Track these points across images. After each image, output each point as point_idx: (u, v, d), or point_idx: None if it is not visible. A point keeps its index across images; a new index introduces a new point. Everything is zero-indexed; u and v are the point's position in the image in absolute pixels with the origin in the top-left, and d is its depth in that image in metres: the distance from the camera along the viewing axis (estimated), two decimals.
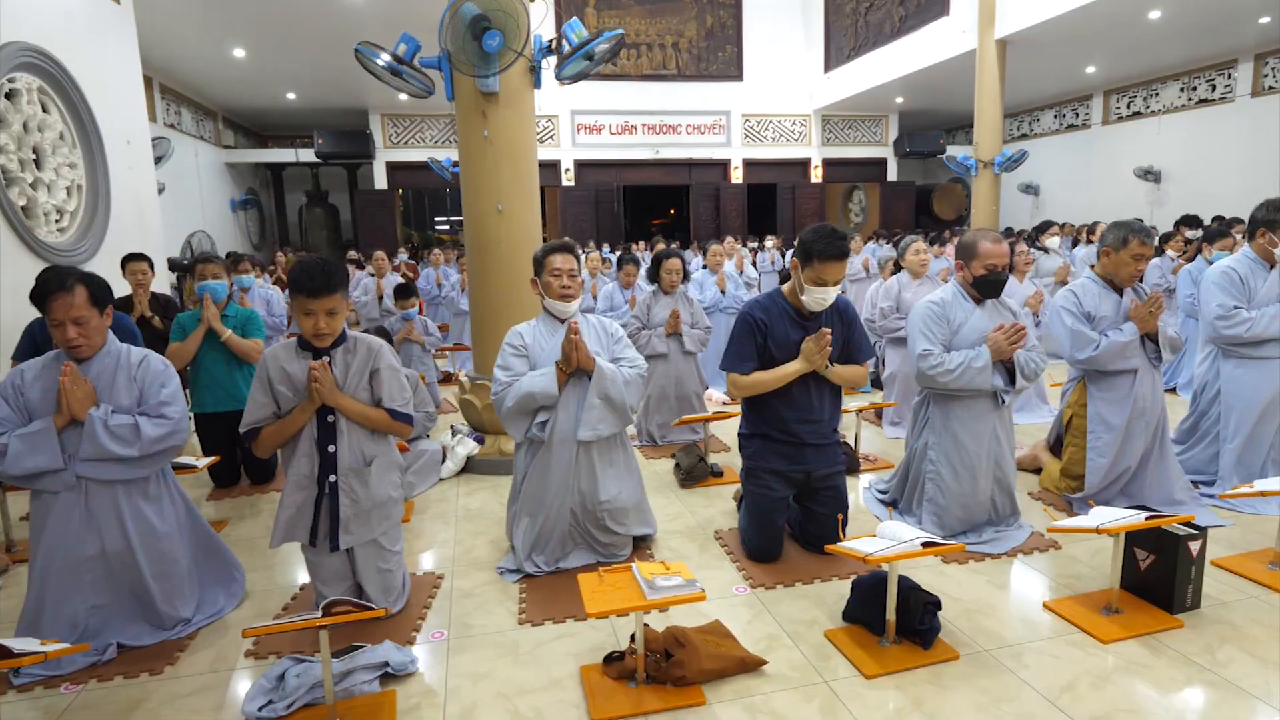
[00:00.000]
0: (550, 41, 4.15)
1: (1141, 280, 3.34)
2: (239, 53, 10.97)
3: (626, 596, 2.02)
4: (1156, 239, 8.14)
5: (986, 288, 2.96)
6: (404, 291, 5.53)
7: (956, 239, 8.50)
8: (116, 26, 6.07)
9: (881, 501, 3.47)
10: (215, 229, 13.91)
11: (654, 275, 4.49)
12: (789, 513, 3.01)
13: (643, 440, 4.63)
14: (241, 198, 15.40)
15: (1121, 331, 3.14)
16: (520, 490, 2.86)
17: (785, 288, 2.83)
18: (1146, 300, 3.11)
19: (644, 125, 16.42)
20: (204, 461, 3.33)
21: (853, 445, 4.14)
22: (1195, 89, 12.20)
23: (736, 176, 17.00)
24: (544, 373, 2.73)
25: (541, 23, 4.81)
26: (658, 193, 20.09)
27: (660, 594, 2.00)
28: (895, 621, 2.30)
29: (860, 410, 4.13)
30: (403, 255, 12.28)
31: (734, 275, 6.32)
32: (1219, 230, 5.04)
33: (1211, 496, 3.35)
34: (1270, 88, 11.03)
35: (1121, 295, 3.23)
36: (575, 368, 2.71)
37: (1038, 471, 3.78)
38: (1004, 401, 2.96)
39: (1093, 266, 3.34)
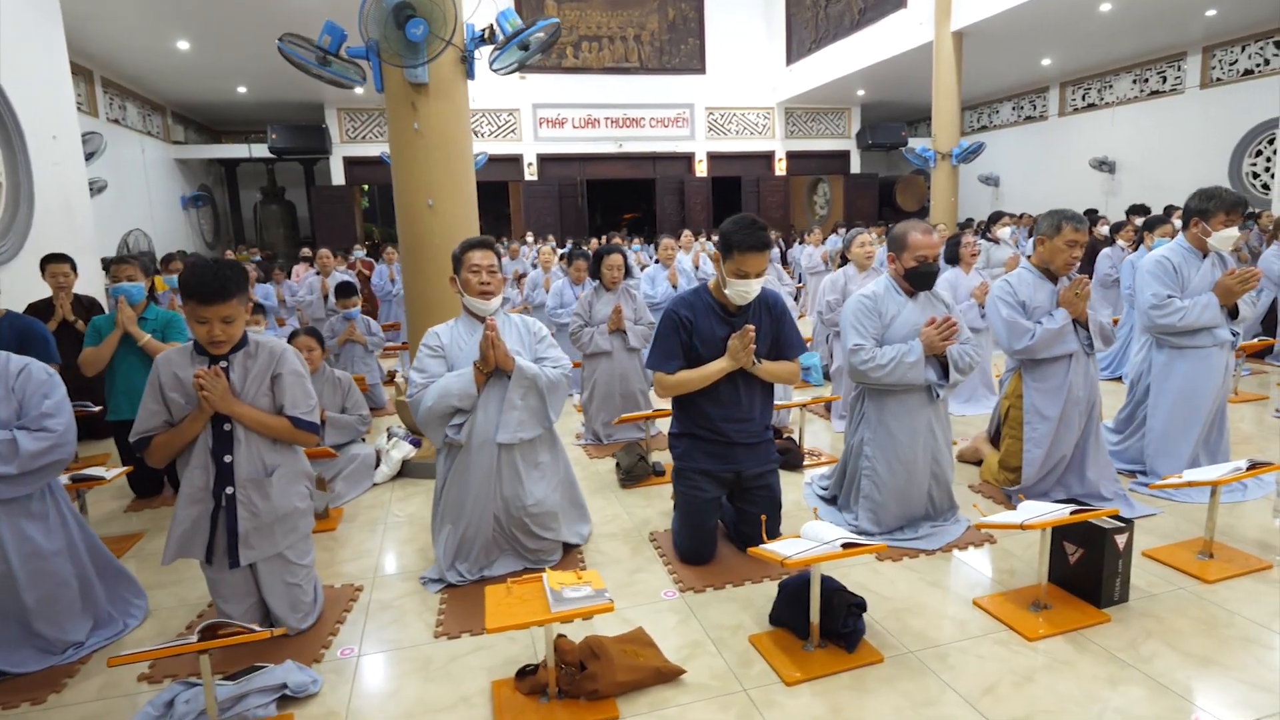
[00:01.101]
0: (484, 31, 4.02)
1: (1092, 272, 3.32)
2: (183, 45, 10.63)
3: (531, 610, 1.93)
4: (1108, 229, 8.23)
5: (918, 280, 2.91)
6: (344, 290, 5.36)
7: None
8: (39, 15, 5.79)
9: (822, 498, 3.42)
10: (165, 227, 13.52)
11: (595, 271, 4.38)
12: (722, 513, 2.94)
13: (588, 439, 4.54)
14: (193, 195, 14.98)
15: (1053, 318, 3.10)
16: (441, 496, 2.75)
17: (711, 282, 2.74)
18: (1072, 284, 3.08)
19: (607, 119, 16.28)
20: (113, 473, 3.17)
21: (797, 440, 4.10)
22: (1147, 80, 12.37)
23: (701, 170, 16.94)
24: (461, 373, 2.62)
25: (475, 11, 4.69)
26: (628, 187, 19.99)
27: (567, 606, 1.91)
28: (819, 624, 2.24)
29: (805, 405, 4.07)
30: (359, 252, 12.02)
31: (688, 270, 6.24)
32: (1157, 218, 5.08)
33: (1145, 486, 3.34)
34: (1218, 79, 11.22)
35: (1056, 284, 3.20)
36: (493, 368, 2.61)
37: (980, 463, 3.75)
38: (938, 396, 2.91)
39: (1029, 257, 3.31)
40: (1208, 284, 3.29)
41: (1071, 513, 2.29)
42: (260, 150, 15.24)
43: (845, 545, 2.13)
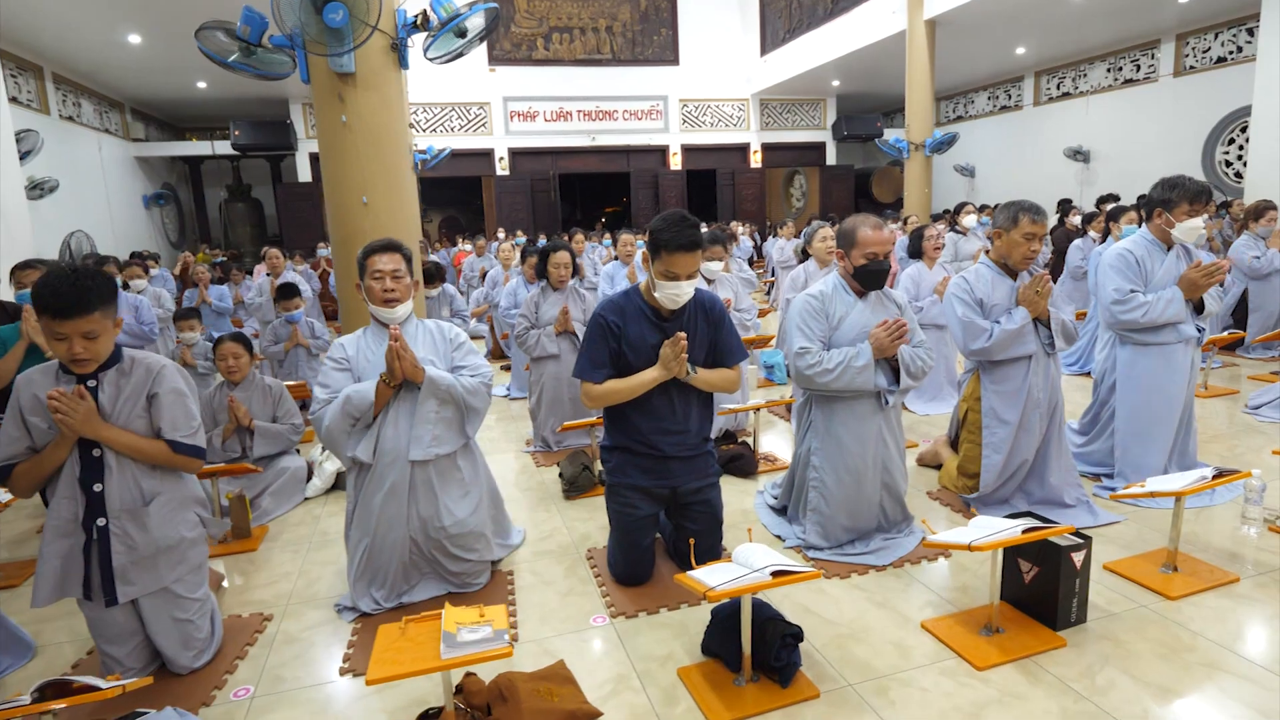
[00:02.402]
0: (416, 16, 3.79)
1: (1062, 265, 3.15)
2: (134, 39, 10.27)
3: (421, 655, 1.73)
4: (1080, 219, 8.11)
5: (868, 278, 2.73)
6: (285, 291, 5.11)
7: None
8: None
9: (773, 509, 3.24)
10: (125, 228, 13.15)
11: (541, 271, 4.18)
12: (658, 529, 2.76)
13: (537, 446, 4.34)
14: (155, 194, 14.58)
15: (1012, 318, 2.94)
16: (352, 519, 2.54)
17: (642, 284, 2.55)
18: (1032, 281, 2.91)
19: (580, 111, 16.03)
20: (5, 497, 2.93)
21: (751, 445, 3.92)
22: (1121, 69, 12.29)
23: (675, 163, 16.73)
24: (363, 386, 2.42)
25: None
26: (602, 181, 19.77)
27: (460, 651, 1.72)
28: (751, 656, 2.06)
29: (760, 407, 3.89)
30: (324, 251, 11.72)
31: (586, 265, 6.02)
32: (1121, 207, 4.94)
33: (1113, 490, 3.19)
34: (1191, 67, 11.15)
35: (1016, 280, 3.04)
36: (401, 380, 2.41)
37: (940, 467, 3.59)
38: (888, 403, 2.74)
39: (987, 251, 3.14)
40: (1172, 277, 3.13)
41: (1024, 531, 2.12)
42: (224, 147, 14.87)
43: (776, 573, 1.95)
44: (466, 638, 1.75)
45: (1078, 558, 2.23)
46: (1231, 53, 10.53)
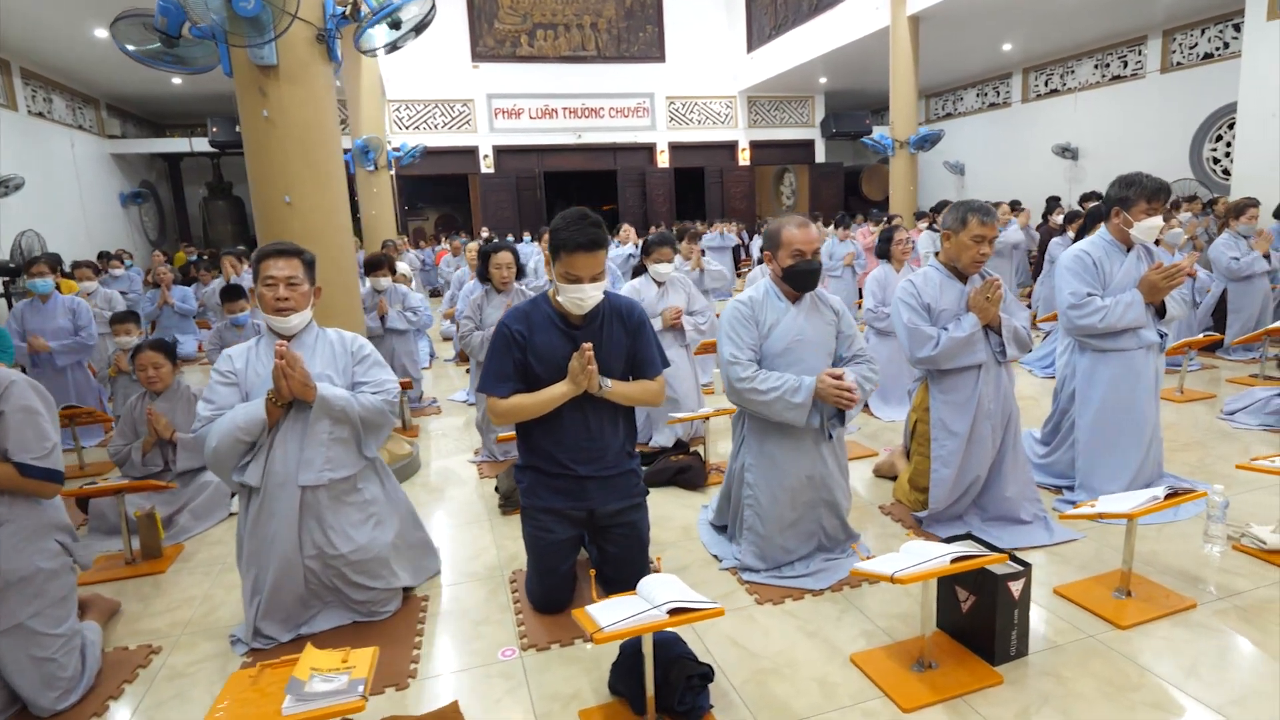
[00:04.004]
0: (345, 7, 3.61)
1: (1042, 263, 2.97)
2: (101, 33, 10.06)
3: (262, 711, 1.55)
4: (1062, 218, 7.93)
5: (798, 279, 2.54)
6: (230, 294, 4.91)
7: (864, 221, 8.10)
8: None
9: (715, 526, 3.06)
10: (102, 226, 12.95)
11: (483, 273, 3.99)
12: (577, 554, 2.57)
13: (484, 456, 4.15)
14: (132, 191, 14.36)
15: (960, 325, 2.76)
16: (242, 547, 2.36)
17: (551, 290, 2.36)
18: (983, 286, 2.74)
19: (565, 109, 15.84)
20: None
21: (703, 455, 3.75)
22: (1109, 65, 12.11)
23: (663, 160, 16.56)
24: (253, 405, 2.23)
25: None
26: (589, 179, 19.57)
27: (304, 705, 1.53)
28: (655, 699, 1.88)
29: (709, 416, 3.71)
30: None
31: (610, 268, 5.83)
32: (1096, 217, 4.76)
33: (1074, 503, 3.02)
34: (1178, 63, 10.97)
35: (966, 284, 2.86)
36: (288, 398, 2.22)
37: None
38: (830, 436, 2.58)
39: (937, 254, 2.96)
40: (1132, 279, 2.96)
41: (954, 560, 1.94)
42: (203, 144, 14.64)
43: (674, 611, 1.77)
44: (317, 688, 1.57)
45: (1015, 587, 2.06)
46: (1218, 49, 10.36)
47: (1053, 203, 10.57)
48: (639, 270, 4.37)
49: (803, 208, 17.38)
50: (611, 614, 1.80)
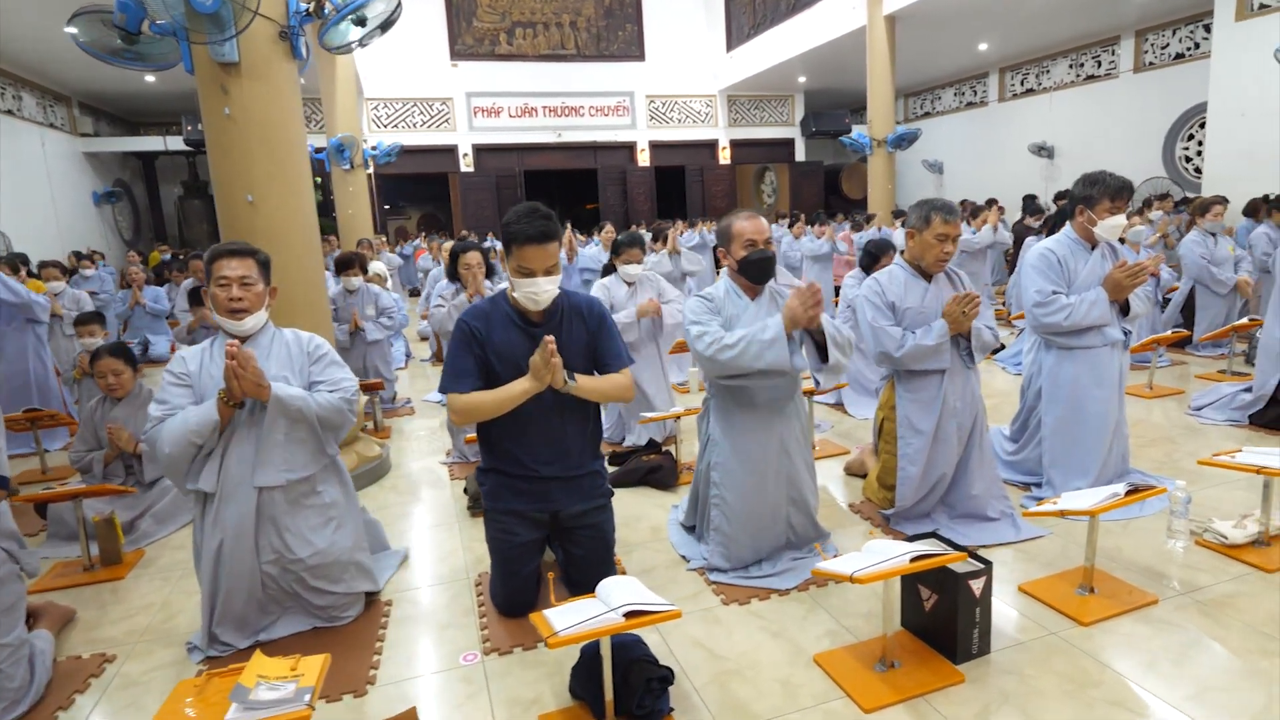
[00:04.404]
0: (309, 3, 3.55)
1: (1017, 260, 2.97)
2: (72, 30, 9.86)
3: (205, 719, 1.52)
4: (1038, 223, 8.00)
5: (753, 269, 2.52)
6: (197, 297, 4.84)
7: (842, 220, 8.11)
8: None
9: (685, 526, 3.05)
10: (74, 225, 12.73)
11: (452, 272, 3.95)
12: (541, 556, 2.54)
13: (455, 457, 4.12)
14: (106, 191, 14.13)
15: (930, 331, 2.76)
16: (199, 552, 2.31)
17: (509, 288, 2.33)
18: (959, 299, 2.72)
19: (545, 107, 15.77)
20: None
21: (674, 454, 3.73)
22: (1083, 65, 12.23)
23: (643, 159, 16.53)
24: (205, 406, 2.19)
25: None
26: (570, 178, 19.51)
27: (249, 714, 1.50)
28: (614, 703, 1.86)
29: (680, 416, 3.70)
30: None
31: (568, 268, 5.82)
32: (1065, 216, 4.80)
33: (1041, 499, 3.03)
34: (1150, 63, 11.10)
35: (930, 282, 2.86)
36: (240, 399, 2.18)
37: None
38: (818, 384, 2.56)
39: (902, 252, 2.97)
40: (1096, 277, 2.98)
41: (913, 559, 1.94)
42: (178, 143, 14.44)
43: (630, 614, 1.75)
44: (262, 696, 1.54)
45: (976, 585, 2.06)
46: (1189, 49, 10.49)
47: (1029, 201, 10.66)
48: (609, 269, 4.35)
49: (784, 206, 17.41)
50: (568, 617, 1.78)
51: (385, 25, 3.77)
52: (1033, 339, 3.20)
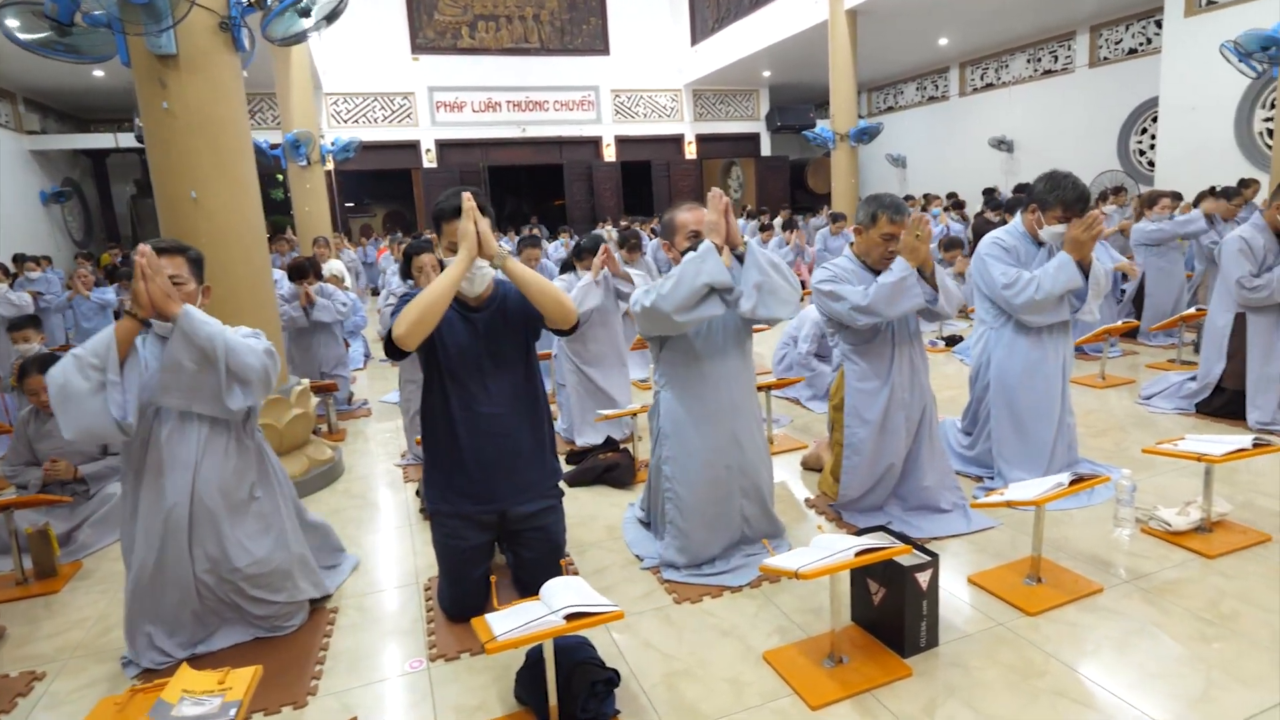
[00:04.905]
0: None
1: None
2: (11, 22, 9.52)
3: None
4: (999, 219, 8.10)
5: None
6: None
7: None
8: None
9: (642, 523, 3.02)
10: (21, 226, 12.30)
11: (405, 272, 3.87)
12: (490, 559, 2.50)
13: (410, 459, 4.04)
14: (54, 190, 13.69)
15: (890, 270, 2.68)
16: (129, 558, 2.23)
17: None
18: (911, 223, 2.64)
19: (509, 102, 15.62)
20: None
21: (632, 452, 3.70)
22: (1040, 60, 12.43)
23: (609, 154, 16.46)
24: (99, 335, 2.09)
25: None
26: (536, 174, 19.37)
27: None
28: (558, 707, 1.83)
29: (637, 412, 3.67)
30: None
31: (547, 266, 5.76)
32: (1018, 200, 4.87)
33: (992, 489, 3.06)
34: (1105, 58, 11.31)
35: (878, 277, 2.86)
36: (149, 308, 2.04)
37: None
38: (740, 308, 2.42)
39: (852, 245, 2.96)
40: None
41: (858, 553, 1.94)
42: (129, 140, 14.02)
43: (571, 616, 1.72)
44: (185, 712, 1.48)
45: (923, 578, 2.06)
46: (1142, 44, 10.71)
47: (989, 194, 10.81)
48: (568, 265, 4.29)
49: (750, 200, 17.47)
50: (510, 621, 1.75)
51: (331, 16, 3.68)
52: (980, 330, 3.23)
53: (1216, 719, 1.79)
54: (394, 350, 2.12)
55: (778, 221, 11.44)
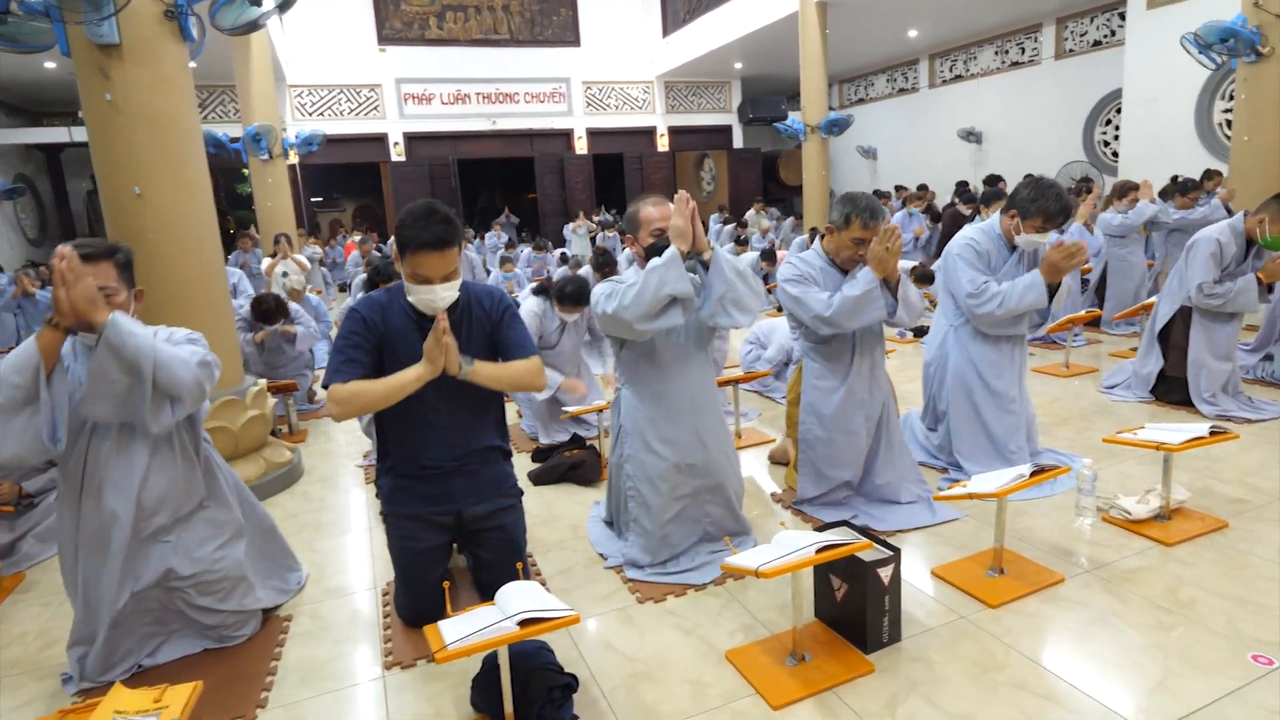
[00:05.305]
0: None
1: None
2: None
3: None
4: (970, 211, 8.15)
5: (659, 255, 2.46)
6: None
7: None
8: None
9: (606, 522, 2.98)
10: None
11: (373, 285, 3.76)
12: (447, 561, 2.44)
13: (371, 460, 3.95)
14: (6, 187, 13.27)
15: (855, 281, 2.65)
16: (68, 568, 2.14)
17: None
18: (882, 234, 2.60)
19: (478, 94, 15.43)
20: None
21: (599, 450, 3.66)
22: (1008, 52, 12.53)
23: (581, 147, 16.34)
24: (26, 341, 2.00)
25: None
26: (507, 167, 19.21)
27: None
28: (514, 714, 1.79)
29: (604, 409, 3.62)
30: None
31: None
32: (991, 192, 4.89)
33: (954, 481, 3.06)
34: (1070, 50, 11.43)
35: (846, 275, 2.84)
36: (71, 319, 1.89)
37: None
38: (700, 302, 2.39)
39: (822, 238, 2.94)
40: (1011, 279, 2.99)
41: (819, 550, 1.91)
42: (84, 134, 13.62)
43: (525, 622, 1.67)
44: None
45: (884, 573, 2.05)
46: (1106, 36, 10.84)
47: (961, 188, 10.88)
48: (541, 290, 4.15)
49: (723, 193, 17.47)
50: (462, 628, 1.69)
51: (285, 5, 3.57)
52: (941, 324, 3.23)
53: (1174, 707, 1.80)
54: None
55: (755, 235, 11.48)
